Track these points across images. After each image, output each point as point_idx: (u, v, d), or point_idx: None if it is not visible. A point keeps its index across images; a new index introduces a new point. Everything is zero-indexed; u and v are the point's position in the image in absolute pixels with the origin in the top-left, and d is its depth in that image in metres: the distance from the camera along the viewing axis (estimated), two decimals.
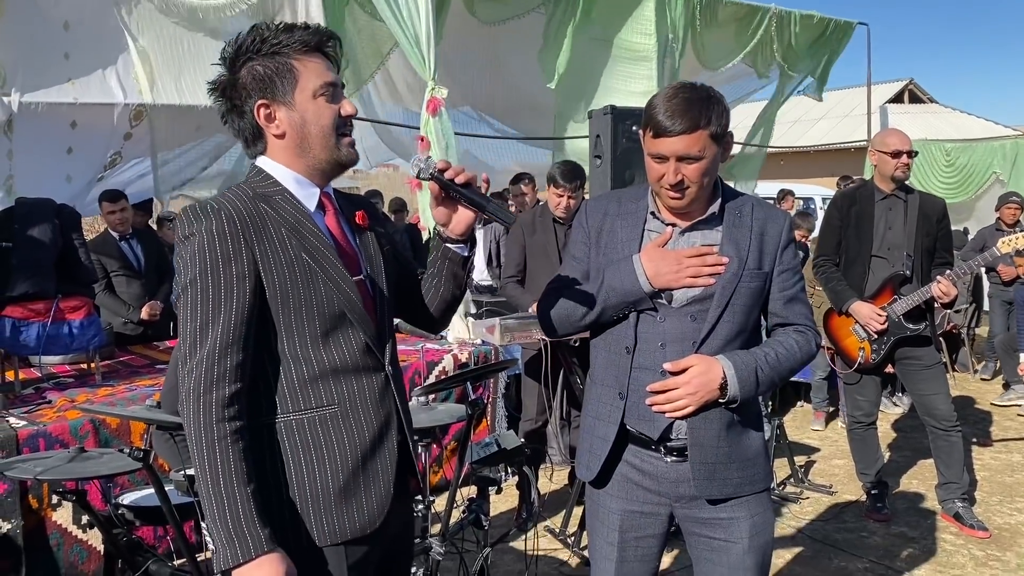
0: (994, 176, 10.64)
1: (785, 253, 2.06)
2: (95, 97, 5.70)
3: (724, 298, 1.98)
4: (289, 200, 1.68)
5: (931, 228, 4.13)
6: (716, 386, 1.94)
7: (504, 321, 4.00)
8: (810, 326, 2.10)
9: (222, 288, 1.56)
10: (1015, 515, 4.49)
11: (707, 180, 1.96)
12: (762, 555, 2.07)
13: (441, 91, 5.02)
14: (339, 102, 1.70)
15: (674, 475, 2.04)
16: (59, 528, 3.55)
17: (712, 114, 1.91)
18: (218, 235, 1.57)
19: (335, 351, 1.65)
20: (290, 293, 1.61)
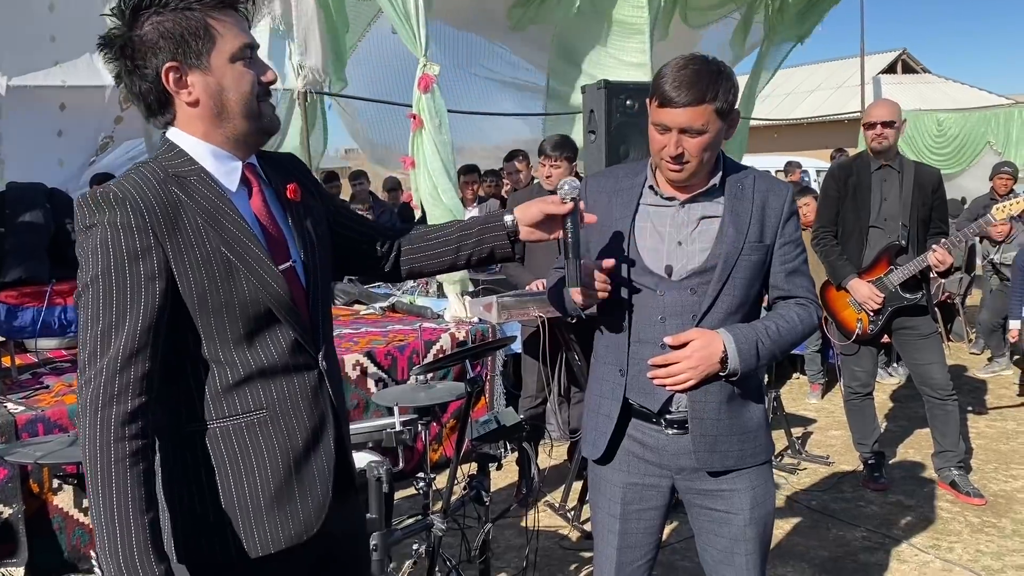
0: (988, 145, 10.63)
1: (787, 225, 2.04)
2: (83, 79, 5.66)
3: (725, 271, 1.97)
4: (205, 181, 1.48)
5: (926, 198, 4.13)
6: (717, 359, 1.94)
7: (501, 299, 4.00)
8: (812, 299, 2.09)
9: (128, 289, 1.38)
10: (1010, 482, 4.52)
11: (708, 155, 1.94)
12: (763, 526, 2.09)
13: (433, 68, 4.98)
14: (258, 66, 1.52)
15: (675, 447, 2.05)
16: (61, 512, 3.55)
17: (720, 89, 1.89)
18: (123, 228, 1.38)
19: (262, 352, 1.50)
20: (208, 293, 1.44)
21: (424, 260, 1.87)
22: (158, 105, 1.49)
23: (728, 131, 1.97)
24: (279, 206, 1.60)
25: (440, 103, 5.05)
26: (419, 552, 2.86)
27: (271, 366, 1.51)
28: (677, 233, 2.02)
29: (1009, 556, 3.67)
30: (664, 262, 2.01)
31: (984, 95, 21.43)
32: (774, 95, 23.74)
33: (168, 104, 1.49)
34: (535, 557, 3.40)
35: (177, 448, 1.49)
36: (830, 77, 22.67)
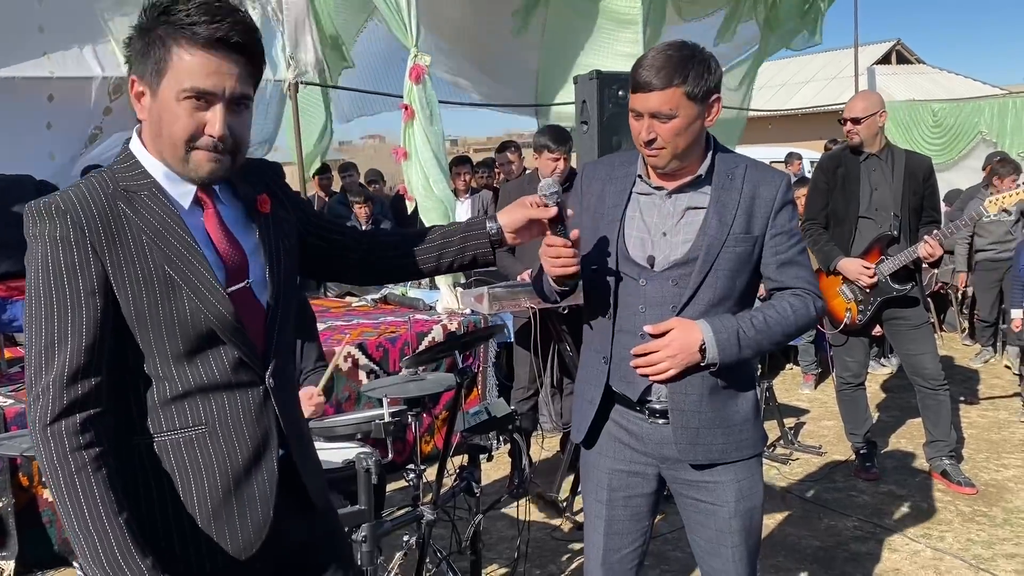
0: (980, 136, 10.63)
1: (779, 216, 1.99)
2: (71, 71, 5.63)
3: (707, 263, 1.95)
4: (157, 197, 1.44)
5: (917, 187, 4.12)
6: (695, 349, 1.92)
7: (492, 290, 3.99)
8: (809, 290, 2.03)
9: (68, 305, 1.36)
10: (1001, 471, 4.54)
11: (683, 141, 1.92)
12: (749, 519, 2.07)
13: (424, 58, 4.96)
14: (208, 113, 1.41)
15: (658, 436, 2.05)
16: (51, 505, 3.54)
17: (690, 73, 1.87)
18: (62, 242, 1.36)
19: (202, 369, 1.47)
20: (147, 311, 1.41)
21: (404, 266, 1.85)
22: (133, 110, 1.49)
23: (706, 117, 1.94)
24: (247, 221, 1.56)
25: (431, 94, 5.03)
26: (409, 544, 2.85)
27: (211, 383, 1.48)
28: (663, 223, 2.01)
29: (999, 545, 3.68)
30: (647, 252, 2.01)
31: (978, 85, 21.44)
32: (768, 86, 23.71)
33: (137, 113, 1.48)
34: (527, 548, 3.40)
35: (126, 459, 1.45)
36: (824, 68, 22.65)
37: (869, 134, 4.11)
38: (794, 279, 2.02)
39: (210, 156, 1.43)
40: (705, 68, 1.89)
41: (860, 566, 3.54)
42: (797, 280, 2.02)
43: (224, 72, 1.40)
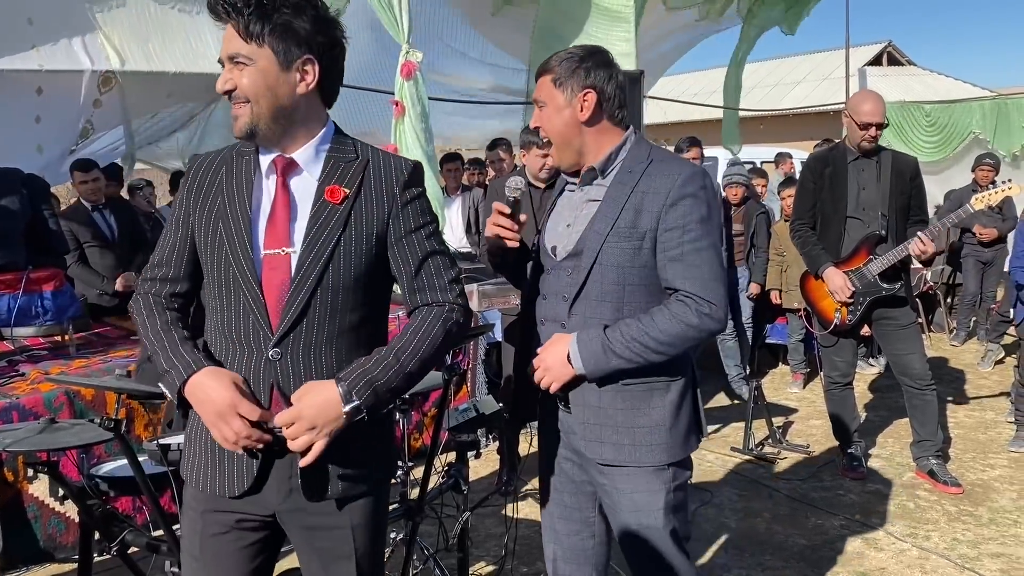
0: (973, 135, 10.68)
1: (673, 210, 1.91)
2: (61, 64, 5.59)
3: (590, 259, 1.97)
4: (249, 163, 1.73)
5: (905, 186, 4.13)
6: (563, 359, 1.95)
7: (482, 287, 3.99)
8: (694, 293, 1.90)
9: (170, 225, 1.79)
10: (987, 471, 4.56)
11: (555, 130, 2.03)
12: (643, 538, 1.99)
13: (416, 54, 4.94)
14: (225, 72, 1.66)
15: (567, 423, 2.10)
16: (36, 501, 3.52)
17: (561, 65, 2.00)
18: (181, 185, 1.80)
19: (227, 313, 1.69)
20: (202, 250, 1.73)
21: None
22: None
23: (579, 110, 2.00)
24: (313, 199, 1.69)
25: (423, 90, 5.02)
26: (396, 541, 2.85)
27: (226, 328, 1.69)
28: (569, 215, 2.09)
29: (985, 544, 3.69)
30: (553, 242, 2.08)
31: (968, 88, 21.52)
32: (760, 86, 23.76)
33: None
34: (514, 545, 3.39)
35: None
36: (816, 69, 22.69)
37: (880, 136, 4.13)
38: (680, 279, 1.92)
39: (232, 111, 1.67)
40: (576, 62, 1.99)
41: (846, 565, 3.55)
42: (683, 281, 1.92)
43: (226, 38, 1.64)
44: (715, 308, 1.91)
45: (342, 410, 1.58)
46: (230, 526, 1.72)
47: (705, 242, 1.92)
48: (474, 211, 6.89)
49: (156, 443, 2.32)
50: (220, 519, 1.72)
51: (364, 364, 1.64)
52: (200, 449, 1.74)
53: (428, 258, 1.76)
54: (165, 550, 2.41)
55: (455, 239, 6.62)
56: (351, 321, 1.70)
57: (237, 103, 1.64)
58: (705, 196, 1.94)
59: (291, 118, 1.67)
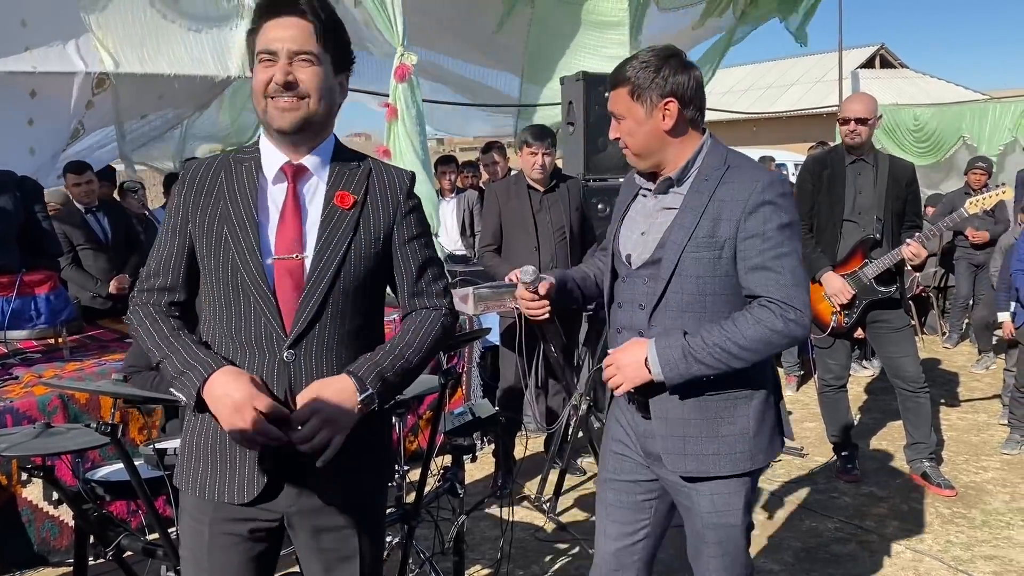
0: (962, 140, 10.73)
1: (751, 219, 1.89)
2: (54, 66, 5.57)
3: (669, 267, 1.94)
4: (251, 169, 1.73)
5: (900, 191, 4.15)
6: (641, 365, 1.93)
7: (478, 290, 3.98)
8: (778, 299, 1.88)
9: (165, 233, 1.77)
10: (980, 473, 4.58)
11: (638, 141, 1.97)
12: (726, 535, 2.03)
13: (411, 57, 4.94)
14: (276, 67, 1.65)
15: (641, 429, 2.09)
16: (30, 504, 3.51)
17: (639, 75, 1.92)
18: (176, 191, 1.77)
19: (234, 320, 1.69)
20: (205, 256, 1.71)
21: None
22: None
23: (662, 120, 1.94)
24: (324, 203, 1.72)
25: (417, 93, 5.02)
26: (392, 544, 2.84)
27: (236, 334, 1.68)
28: (644, 223, 2.05)
29: (978, 547, 3.71)
30: (628, 250, 2.06)
31: (960, 90, 21.64)
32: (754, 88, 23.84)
33: None
34: (510, 548, 3.40)
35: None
36: (809, 71, 22.79)
37: (869, 135, 4.14)
38: (763, 287, 1.90)
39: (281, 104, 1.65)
40: (654, 71, 1.91)
41: (841, 567, 3.56)
42: (767, 288, 1.89)
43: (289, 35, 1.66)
44: (800, 314, 1.89)
45: (357, 399, 1.62)
46: (241, 536, 1.72)
47: (786, 248, 1.91)
48: (468, 213, 6.89)
49: (152, 447, 2.32)
50: (231, 528, 1.72)
51: (372, 357, 1.70)
52: (204, 456, 1.73)
53: (427, 266, 1.84)
54: (161, 554, 2.41)
55: (450, 241, 6.63)
56: (358, 323, 1.75)
57: (290, 97, 1.65)
58: (785, 203, 1.92)
59: (323, 122, 1.74)
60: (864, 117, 4.09)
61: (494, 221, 4.51)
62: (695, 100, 1.96)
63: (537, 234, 4.39)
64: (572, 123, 5.55)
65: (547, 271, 4.33)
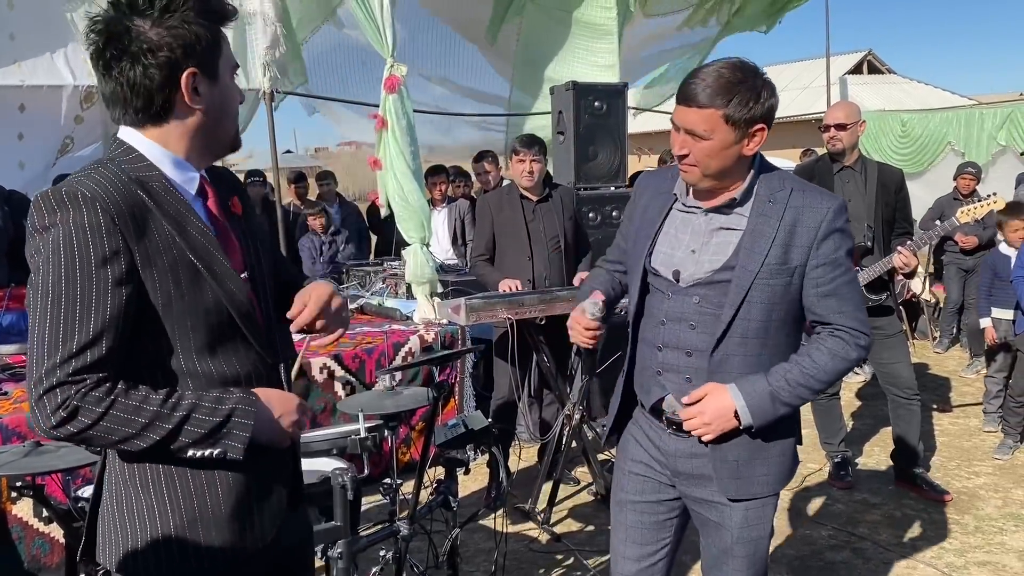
0: (948, 146, 10.80)
1: (824, 245, 1.89)
2: (43, 79, 5.57)
3: (739, 295, 1.90)
4: (167, 187, 1.44)
5: (890, 198, 4.17)
6: (730, 415, 1.92)
7: (469, 301, 3.98)
8: (849, 326, 1.94)
9: (93, 295, 1.32)
10: (972, 479, 4.59)
11: (715, 163, 1.87)
12: (754, 548, 2.05)
13: (400, 68, 4.94)
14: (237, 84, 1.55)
15: (672, 447, 2.05)
16: (20, 521, 3.49)
17: (734, 97, 1.81)
18: (90, 230, 1.31)
19: (224, 362, 1.48)
20: (172, 301, 1.40)
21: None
22: (158, 106, 1.42)
23: (746, 145, 1.87)
24: (227, 215, 1.58)
25: (407, 104, 5.02)
26: (386, 558, 2.83)
27: (233, 375, 1.49)
28: (693, 241, 1.99)
29: (971, 553, 3.72)
30: (673, 267, 2.00)
31: (947, 96, 21.78)
32: None
33: (164, 107, 1.43)
34: (504, 561, 3.38)
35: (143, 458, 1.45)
36: (797, 78, 22.90)
37: (851, 142, 4.15)
38: (835, 314, 1.94)
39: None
40: (753, 96, 1.83)
41: (834, 575, 3.56)
42: (838, 316, 1.94)
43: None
44: (868, 339, 1.97)
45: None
46: None
47: (852, 274, 1.97)
48: (460, 223, 6.90)
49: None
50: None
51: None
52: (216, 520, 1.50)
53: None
54: None
55: (441, 251, 6.63)
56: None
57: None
58: (848, 229, 1.96)
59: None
60: (843, 122, 4.12)
61: (487, 231, 4.51)
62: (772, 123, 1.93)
63: (530, 243, 4.39)
64: (562, 132, 5.56)
65: (541, 281, 4.39)
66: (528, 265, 4.39)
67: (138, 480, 1.46)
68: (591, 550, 3.78)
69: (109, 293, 1.33)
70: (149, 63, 1.38)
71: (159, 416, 1.36)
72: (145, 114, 1.43)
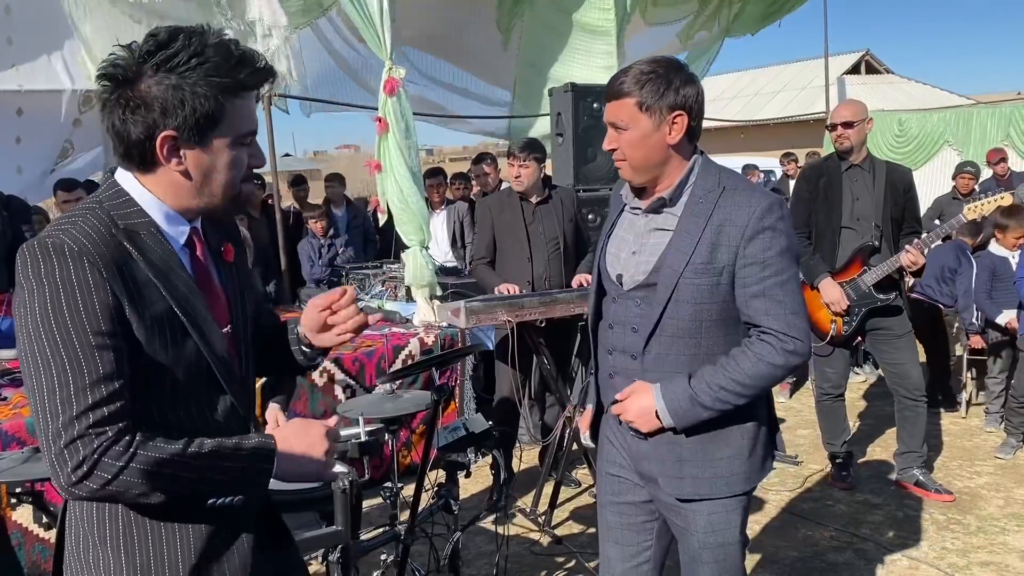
0: (946, 144, 10.80)
1: (751, 244, 1.86)
2: (41, 83, 5.57)
3: (665, 294, 1.91)
4: (155, 236, 1.40)
5: (898, 198, 4.16)
6: (652, 414, 1.94)
7: (469, 304, 3.97)
8: (777, 330, 1.87)
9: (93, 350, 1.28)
10: (974, 479, 4.58)
11: (639, 154, 1.90)
12: (723, 554, 2.03)
13: (399, 71, 4.94)
14: (255, 150, 1.48)
15: (635, 450, 2.07)
16: (20, 527, 3.47)
17: (646, 85, 1.85)
18: (78, 285, 1.28)
19: (197, 415, 1.44)
20: (156, 354, 1.36)
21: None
22: (138, 157, 1.39)
23: (668, 134, 1.89)
24: (216, 266, 1.54)
25: (406, 107, 5.01)
26: (387, 562, 2.82)
27: (204, 428, 1.43)
28: (635, 242, 2.01)
29: (974, 553, 3.71)
30: (618, 270, 2.02)
31: (945, 95, 21.80)
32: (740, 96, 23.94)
33: (149, 161, 1.39)
34: (505, 563, 3.38)
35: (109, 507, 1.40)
36: (795, 78, 22.93)
37: (859, 140, 4.15)
38: (763, 315, 1.88)
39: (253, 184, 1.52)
40: (663, 83, 1.85)
41: None
42: (766, 318, 1.88)
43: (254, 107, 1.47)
44: (799, 344, 1.89)
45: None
46: None
47: (786, 275, 1.89)
48: (459, 225, 6.89)
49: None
50: None
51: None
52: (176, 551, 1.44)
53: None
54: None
55: (440, 253, 6.62)
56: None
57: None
58: (784, 226, 1.89)
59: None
60: (849, 120, 4.11)
61: (487, 234, 4.51)
62: (700, 114, 1.93)
63: (530, 245, 4.39)
64: (561, 134, 5.55)
65: (541, 283, 4.39)
66: (528, 267, 4.39)
67: (96, 532, 1.41)
68: (592, 552, 3.76)
69: (111, 345, 1.30)
70: (127, 116, 1.35)
71: (181, 467, 1.33)
72: (129, 160, 1.40)
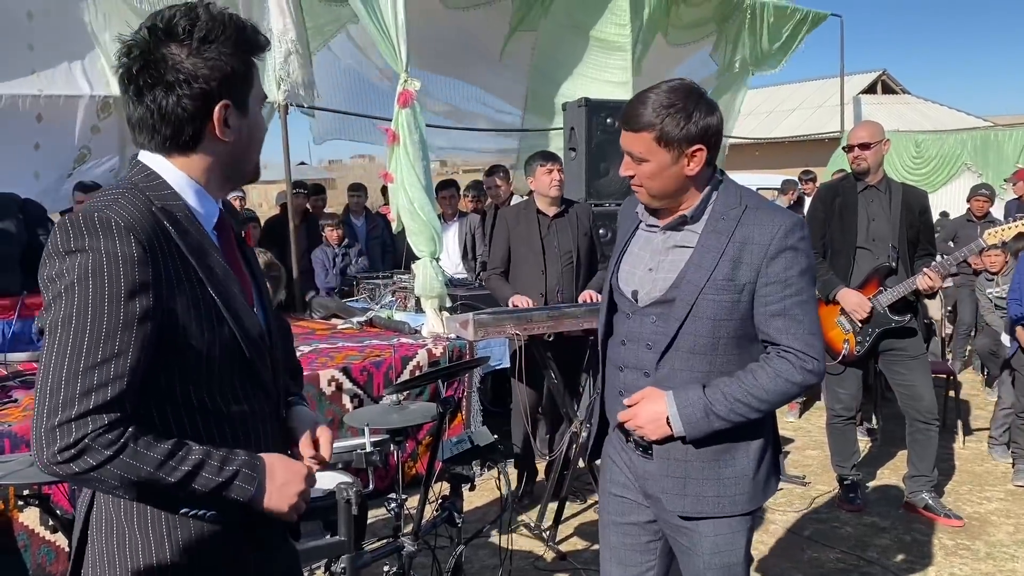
0: (964, 166, 10.75)
1: (773, 263, 1.86)
2: (60, 89, 5.62)
3: (683, 310, 1.90)
4: (190, 218, 1.40)
5: (914, 220, 4.15)
6: (662, 421, 1.92)
7: (478, 316, 3.97)
8: (796, 348, 1.88)
9: (119, 330, 1.26)
10: (984, 504, 4.54)
11: (658, 184, 1.90)
12: (727, 574, 2.01)
13: (414, 83, 4.96)
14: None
15: (641, 469, 2.05)
16: (26, 529, 3.48)
17: (665, 119, 1.83)
18: (123, 260, 1.26)
19: (233, 398, 1.43)
20: (192, 337, 1.35)
21: None
22: (189, 135, 1.39)
23: (686, 165, 1.88)
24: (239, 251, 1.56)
25: (420, 119, 5.04)
26: (390, 574, 2.82)
27: (239, 412, 1.44)
28: (651, 259, 2.01)
29: None
30: (633, 286, 2.01)
31: (962, 116, 21.70)
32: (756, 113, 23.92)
33: (193, 137, 1.40)
34: None
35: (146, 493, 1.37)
36: (811, 96, 22.89)
37: (875, 161, 4.13)
38: (783, 334, 1.89)
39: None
40: (684, 117, 1.83)
41: None
42: (786, 336, 1.89)
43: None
44: (817, 363, 1.91)
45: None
46: None
47: (806, 295, 1.90)
48: (470, 237, 6.90)
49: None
50: None
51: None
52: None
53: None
54: None
55: (451, 265, 6.63)
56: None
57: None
58: (805, 247, 1.89)
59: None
60: (867, 142, 4.10)
61: (503, 244, 4.55)
62: (719, 143, 1.92)
63: (544, 259, 4.43)
64: (574, 149, 5.57)
65: (553, 295, 4.39)
66: (541, 279, 4.42)
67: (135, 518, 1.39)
68: (596, 569, 3.74)
69: (135, 328, 1.28)
70: (184, 93, 1.36)
71: (163, 468, 1.30)
72: (173, 142, 1.40)
